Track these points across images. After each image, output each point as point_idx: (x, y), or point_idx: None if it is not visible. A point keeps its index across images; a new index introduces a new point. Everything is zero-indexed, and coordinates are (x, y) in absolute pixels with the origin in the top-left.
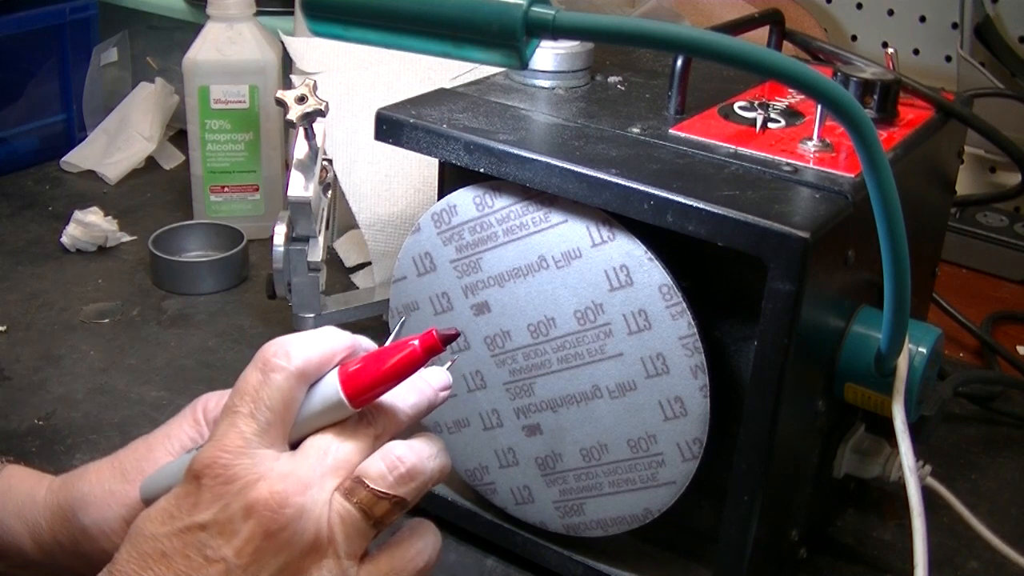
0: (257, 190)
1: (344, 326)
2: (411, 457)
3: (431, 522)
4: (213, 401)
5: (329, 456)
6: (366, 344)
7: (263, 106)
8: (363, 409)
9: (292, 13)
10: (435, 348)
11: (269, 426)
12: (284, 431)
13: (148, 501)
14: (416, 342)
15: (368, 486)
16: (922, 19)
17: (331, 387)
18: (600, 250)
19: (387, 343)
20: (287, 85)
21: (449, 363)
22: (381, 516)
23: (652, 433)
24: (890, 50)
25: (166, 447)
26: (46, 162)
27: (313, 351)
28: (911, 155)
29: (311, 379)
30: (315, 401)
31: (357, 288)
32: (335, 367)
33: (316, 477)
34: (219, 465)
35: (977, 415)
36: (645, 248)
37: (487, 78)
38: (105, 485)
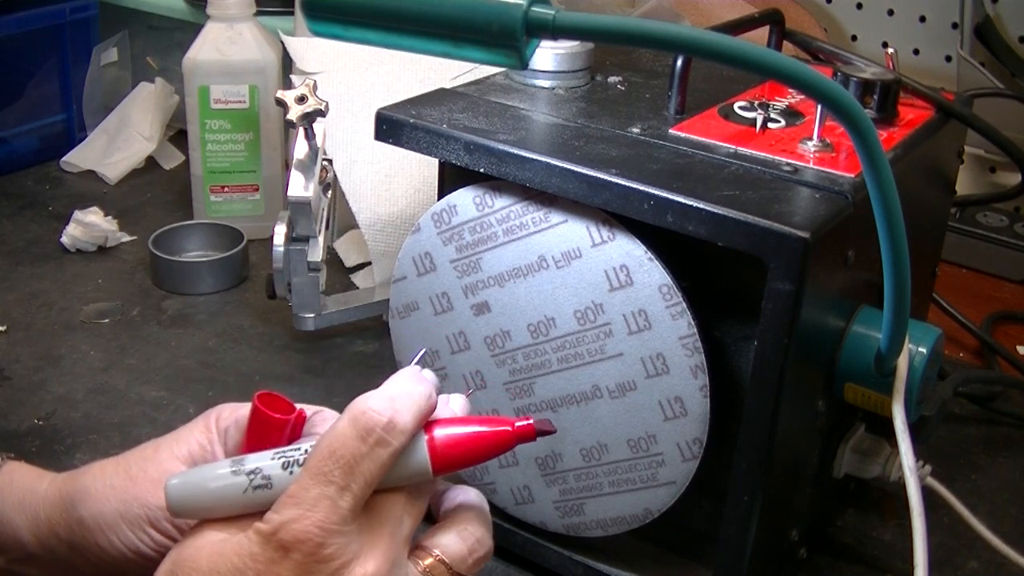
0: (257, 190)
1: (344, 326)
2: (488, 540)
3: None
4: (227, 412)
5: (404, 526)
6: (434, 381)
7: (263, 106)
8: None
9: (292, 13)
10: (528, 437)
11: (360, 501)
12: (366, 498)
13: (178, 512)
14: (510, 427)
15: (450, 568)
16: (922, 19)
17: (420, 458)
18: (600, 250)
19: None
20: (287, 85)
21: (468, 392)
22: None
23: (652, 433)
24: (890, 50)
25: (174, 450)
26: (46, 162)
27: (417, 422)
28: (911, 155)
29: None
30: (400, 467)
31: (357, 288)
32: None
33: (398, 553)
34: (313, 543)
35: (977, 415)
36: (645, 248)
37: (487, 78)
38: (107, 480)
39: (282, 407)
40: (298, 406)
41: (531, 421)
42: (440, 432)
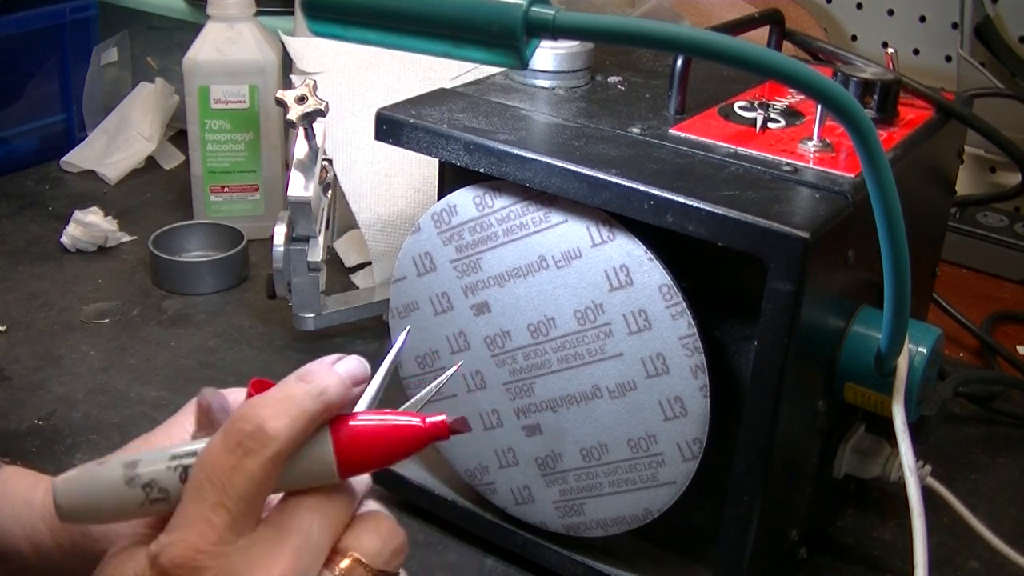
0: (257, 190)
1: (344, 326)
2: (399, 530)
3: None
4: (214, 403)
5: (312, 538)
6: (348, 374)
7: (263, 106)
8: None
9: (292, 13)
10: (440, 435)
11: (242, 516)
12: (258, 513)
13: (68, 517)
14: (420, 422)
15: (367, 566)
16: (922, 19)
17: (324, 460)
18: (600, 250)
19: (384, 365)
20: (287, 85)
21: (455, 367)
22: None
23: (652, 433)
24: (890, 50)
25: None
26: (46, 162)
27: (294, 426)
28: (911, 155)
29: (290, 455)
30: (302, 468)
31: (357, 288)
32: (326, 425)
33: (306, 565)
34: (189, 567)
35: (977, 415)
36: (645, 248)
37: (487, 78)
38: None
39: None
40: None
41: (444, 418)
42: (345, 430)
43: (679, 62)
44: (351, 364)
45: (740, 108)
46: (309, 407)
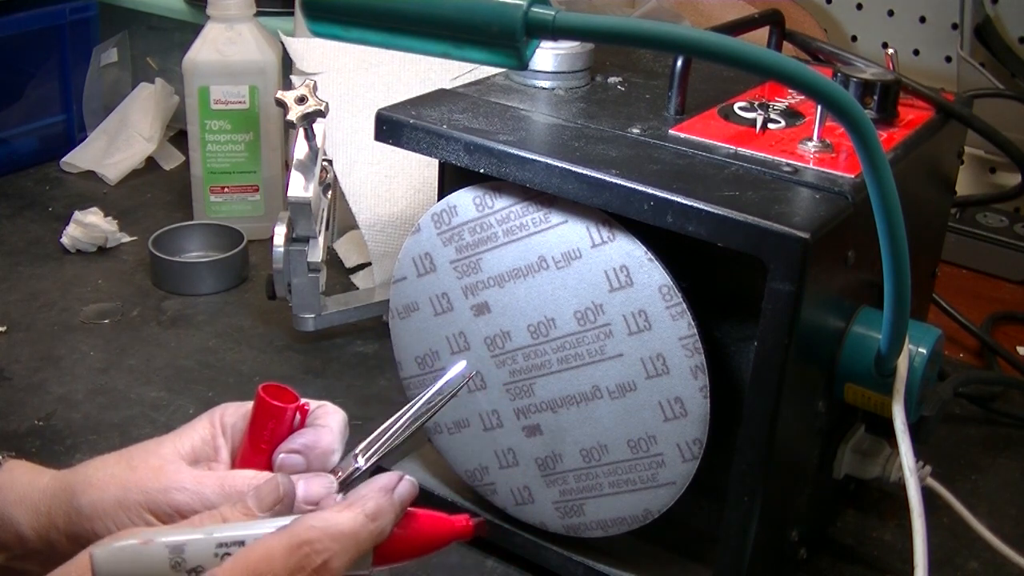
0: (257, 190)
1: (344, 326)
2: None
3: None
4: (231, 409)
5: None
6: (402, 503)
7: (263, 106)
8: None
9: (292, 13)
10: (464, 537)
11: None
12: None
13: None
14: (449, 527)
15: None
16: (922, 20)
17: (364, 563)
18: (600, 251)
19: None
20: (287, 86)
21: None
22: None
23: (652, 434)
24: (890, 51)
25: (176, 445)
26: (46, 162)
27: (352, 560)
28: (911, 155)
29: None
30: None
31: (357, 288)
32: None
33: None
34: None
35: (977, 416)
36: (645, 249)
37: (487, 78)
38: (108, 470)
39: (286, 397)
40: (302, 400)
41: (471, 521)
42: (383, 545)
43: (679, 62)
44: (405, 491)
45: (740, 109)
46: (369, 546)
